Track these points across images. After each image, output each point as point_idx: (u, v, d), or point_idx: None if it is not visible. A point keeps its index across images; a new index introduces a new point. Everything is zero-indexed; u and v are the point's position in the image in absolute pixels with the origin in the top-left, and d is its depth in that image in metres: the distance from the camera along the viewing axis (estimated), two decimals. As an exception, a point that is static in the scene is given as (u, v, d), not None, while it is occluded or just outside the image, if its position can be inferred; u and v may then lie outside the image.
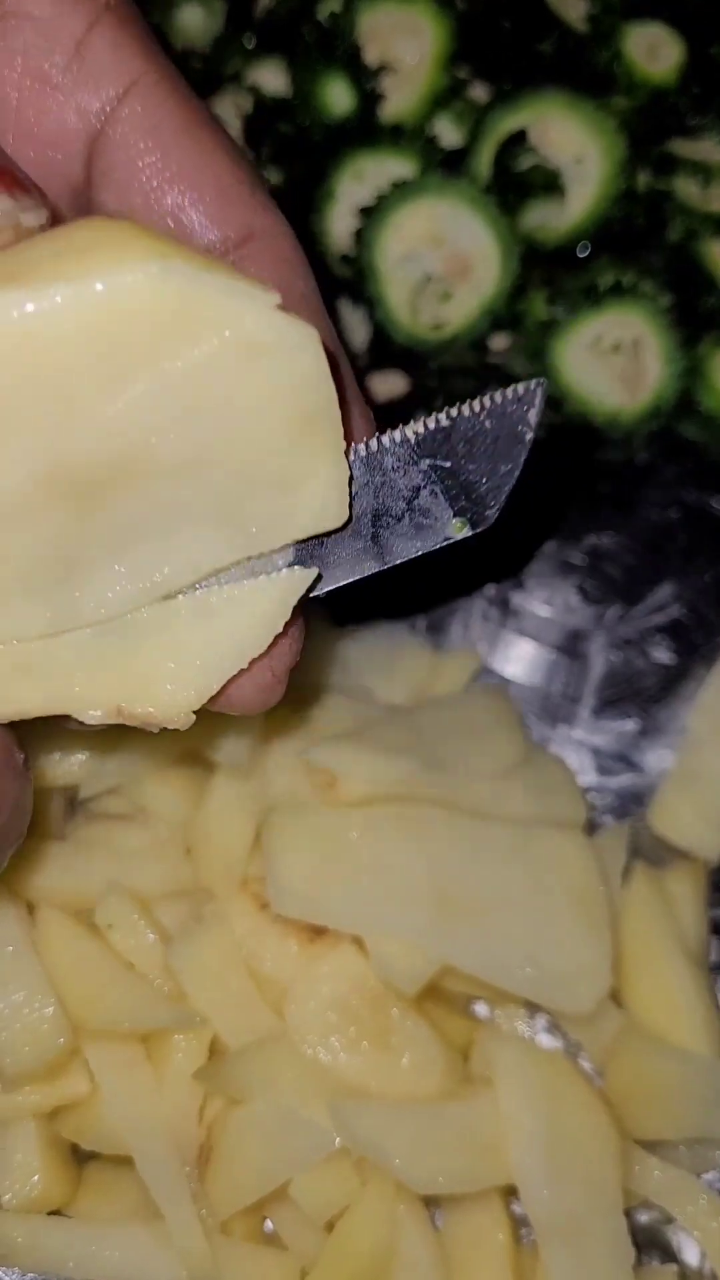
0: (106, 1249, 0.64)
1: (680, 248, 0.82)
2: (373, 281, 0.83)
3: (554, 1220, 0.63)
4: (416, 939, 0.66)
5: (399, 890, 0.67)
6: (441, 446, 0.49)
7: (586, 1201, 0.64)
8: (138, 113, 0.48)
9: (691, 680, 0.80)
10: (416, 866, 0.67)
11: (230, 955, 0.67)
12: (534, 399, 0.50)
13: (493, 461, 0.50)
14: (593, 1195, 0.64)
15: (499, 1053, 0.66)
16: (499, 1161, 0.65)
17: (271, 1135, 0.65)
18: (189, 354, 0.41)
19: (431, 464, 0.49)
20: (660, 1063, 0.69)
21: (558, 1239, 0.63)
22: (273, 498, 0.46)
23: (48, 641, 0.47)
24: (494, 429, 0.49)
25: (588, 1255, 0.63)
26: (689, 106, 0.82)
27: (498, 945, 0.66)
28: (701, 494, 0.83)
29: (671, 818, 0.76)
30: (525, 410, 0.50)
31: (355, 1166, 0.66)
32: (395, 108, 0.85)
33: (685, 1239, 0.70)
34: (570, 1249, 0.63)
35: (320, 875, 0.66)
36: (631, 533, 0.83)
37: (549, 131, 0.82)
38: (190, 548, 0.46)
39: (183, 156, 0.48)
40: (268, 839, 0.67)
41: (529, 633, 0.81)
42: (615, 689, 0.80)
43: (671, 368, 0.81)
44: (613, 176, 0.81)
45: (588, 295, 0.81)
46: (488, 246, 0.82)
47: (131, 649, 0.47)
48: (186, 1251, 0.64)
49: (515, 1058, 0.66)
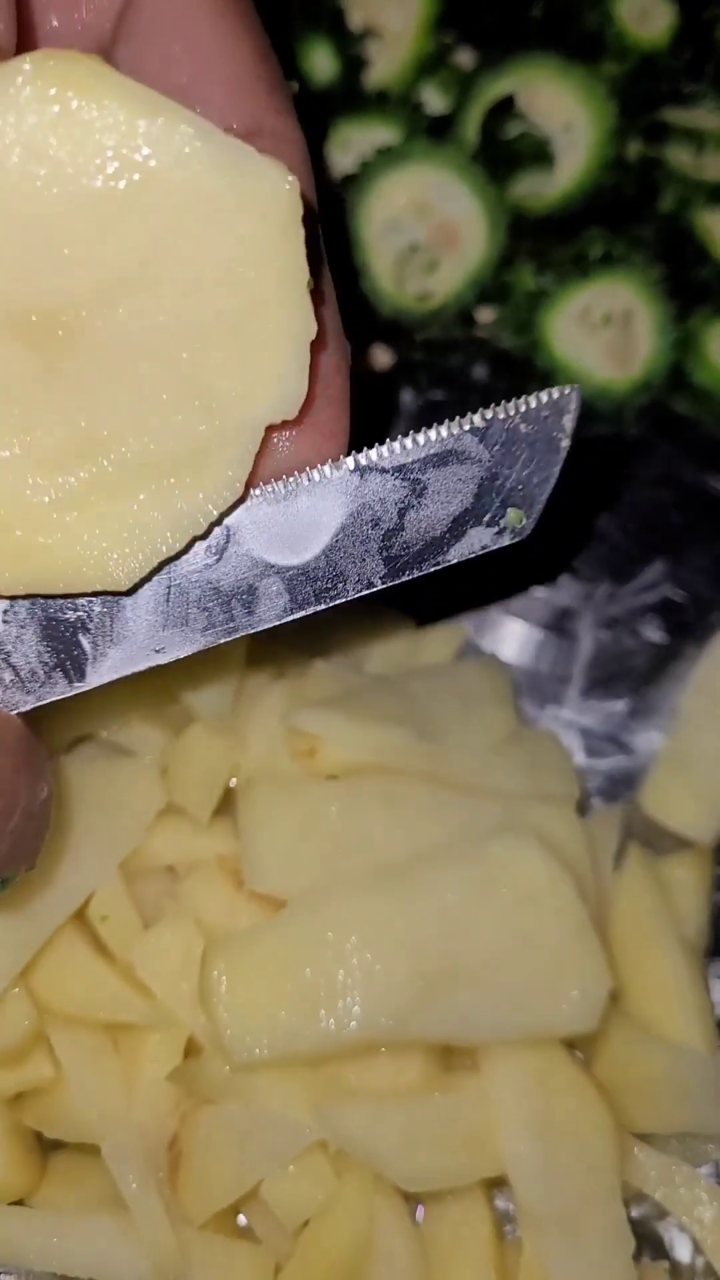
0: (69, 1240, 0.62)
1: (672, 218, 0.80)
2: (358, 251, 0.81)
3: (549, 1211, 0.61)
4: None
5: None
6: (475, 448, 0.47)
7: (583, 1190, 0.61)
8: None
9: (683, 660, 0.77)
10: (398, 843, 0.64)
11: (196, 951, 0.64)
12: (570, 404, 0.47)
13: (529, 469, 0.48)
14: (589, 1183, 0.61)
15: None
16: (489, 1153, 0.62)
17: (244, 1135, 0.62)
18: (165, 200, 0.40)
19: (464, 467, 0.47)
20: (651, 1055, 0.66)
21: (554, 1230, 0.61)
22: (230, 375, 0.42)
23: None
24: (529, 434, 0.47)
25: (585, 1246, 0.61)
26: (681, 72, 0.80)
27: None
28: (693, 470, 0.81)
29: (663, 800, 0.74)
30: (561, 416, 0.48)
31: (331, 1162, 0.63)
32: (380, 74, 0.83)
33: (677, 1235, 0.67)
34: (567, 1240, 0.61)
35: (298, 850, 0.64)
36: (622, 509, 0.80)
37: (537, 98, 0.80)
38: (147, 416, 0.43)
39: (207, 37, 0.46)
40: (244, 811, 0.65)
41: (516, 611, 0.79)
42: (605, 669, 0.78)
43: (663, 339, 0.79)
44: (602, 144, 0.79)
45: (577, 265, 0.79)
46: (475, 215, 0.80)
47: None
48: (153, 1244, 0.61)
49: (503, 1043, 0.63)
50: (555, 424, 0.48)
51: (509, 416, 0.47)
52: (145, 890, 0.67)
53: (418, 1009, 0.61)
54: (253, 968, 0.61)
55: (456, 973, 0.61)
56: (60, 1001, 0.64)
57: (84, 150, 0.39)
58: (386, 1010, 0.61)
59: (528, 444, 0.47)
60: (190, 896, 0.66)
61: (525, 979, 0.61)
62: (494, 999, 0.61)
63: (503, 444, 0.47)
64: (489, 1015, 0.61)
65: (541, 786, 0.69)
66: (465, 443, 0.47)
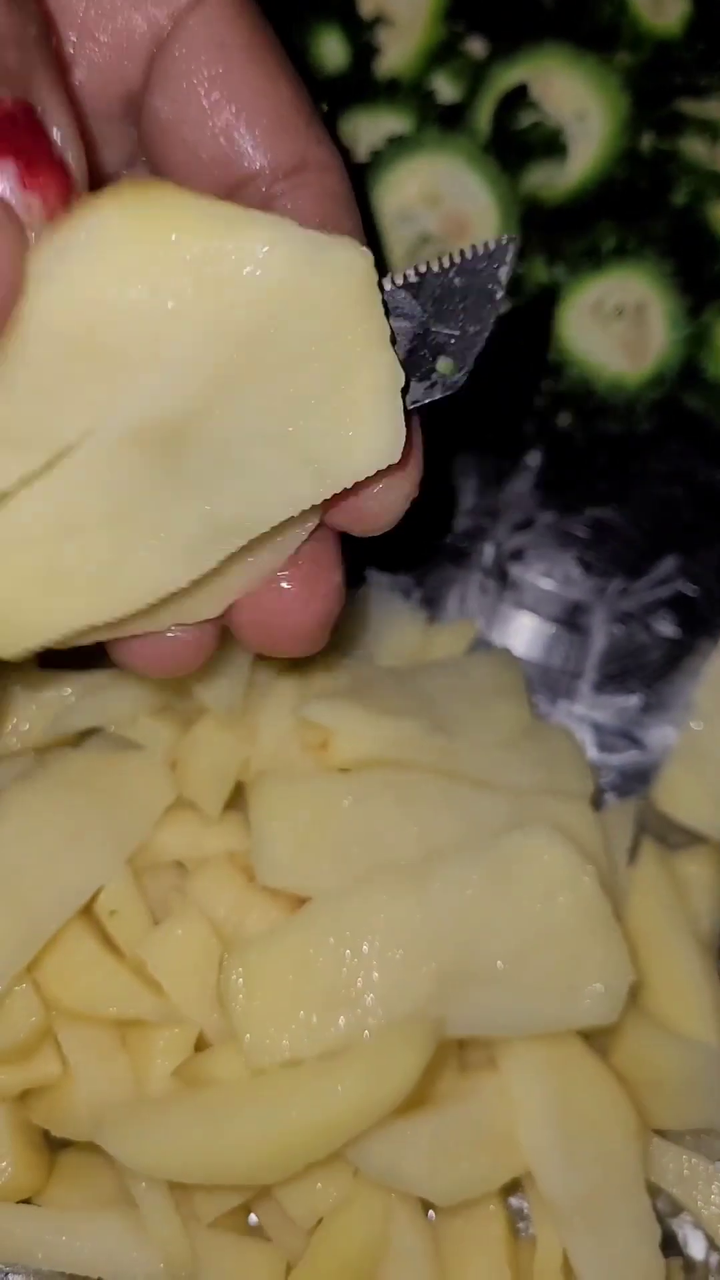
0: (78, 1239, 0.61)
1: (686, 211, 0.80)
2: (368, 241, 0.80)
3: (573, 1204, 0.60)
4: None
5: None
6: (408, 304, 0.47)
7: (606, 1181, 0.61)
8: (206, 26, 0.47)
9: (697, 655, 0.77)
10: (410, 838, 0.64)
11: (207, 947, 0.64)
12: (505, 255, 0.47)
13: (462, 321, 0.48)
14: (612, 1174, 0.61)
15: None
16: (512, 1153, 0.62)
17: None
18: (255, 300, 0.42)
19: (398, 322, 0.47)
20: (667, 1051, 0.66)
21: (579, 1223, 0.60)
22: (332, 436, 0.45)
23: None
24: (463, 286, 0.47)
25: (611, 1237, 0.60)
26: (695, 62, 0.80)
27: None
28: (707, 466, 0.80)
29: (676, 796, 0.73)
30: (496, 267, 0.47)
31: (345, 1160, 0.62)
32: (391, 63, 0.82)
33: (691, 1232, 0.66)
34: (592, 1232, 0.60)
35: (309, 844, 0.63)
36: (634, 505, 0.80)
37: (550, 87, 0.79)
38: (265, 491, 0.46)
39: (245, 76, 0.47)
40: (254, 805, 0.64)
41: (528, 605, 0.78)
42: (618, 664, 0.77)
43: (676, 332, 0.78)
44: (616, 134, 0.79)
45: (589, 257, 0.79)
46: (486, 206, 0.79)
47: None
48: (163, 1243, 0.61)
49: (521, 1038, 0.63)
50: (490, 276, 0.47)
51: (443, 270, 0.47)
52: (155, 885, 0.66)
53: (438, 1007, 0.60)
54: (271, 969, 0.60)
55: (476, 968, 0.60)
56: (68, 997, 0.63)
57: (174, 272, 0.41)
58: (407, 1010, 0.60)
59: (461, 297, 0.47)
60: (200, 892, 0.65)
61: (545, 973, 0.60)
62: (514, 994, 0.60)
63: (435, 299, 0.47)
64: (509, 1010, 0.61)
65: (555, 781, 0.68)
66: (398, 299, 0.47)
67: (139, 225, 0.41)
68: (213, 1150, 0.59)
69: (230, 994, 0.60)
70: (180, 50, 0.47)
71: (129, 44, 0.48)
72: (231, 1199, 0.62)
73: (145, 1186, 0.61)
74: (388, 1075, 0.58)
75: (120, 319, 0.42)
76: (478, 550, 0.79)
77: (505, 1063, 0.63)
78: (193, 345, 0.43)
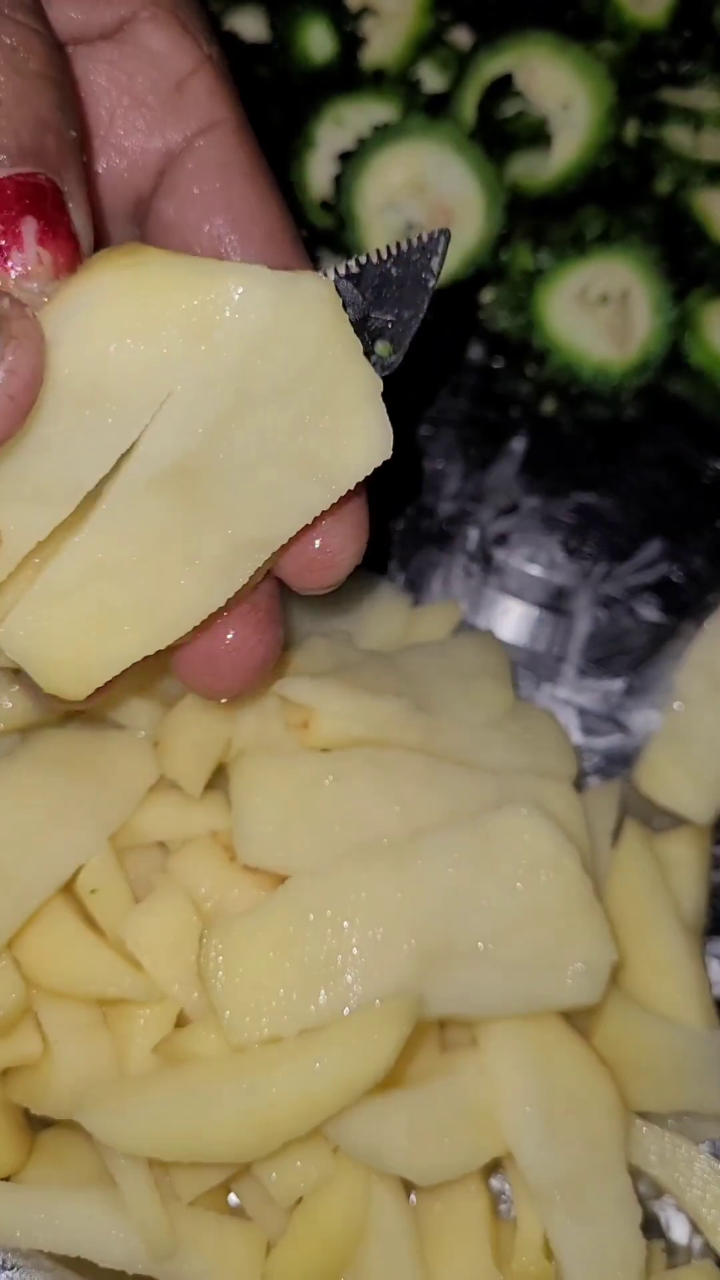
0: (57, 1217, 0.60)
1: (670, 198, 0.80)
2: (353, 229, 0.80)
3: (553, 1184, 0.60)
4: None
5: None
6: (349, 293, 0.51)
7: (587, 1161, 0.60)
8: (214, 148, 0.54)
9: (680, 639, 0.77)
10: (392, 817, 0.64)
11: (188, 925, 0.63)
12: (438, 246, 0.51)
13: (398, 307, 0.51)
14: (593, 1154, 0.61)
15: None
16: (493, 1133, 0.61)
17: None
18: (240, 338, 0.46)
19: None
20: (648, 1033, 0.66)
21: (559, 1203, 0.60)
22: (331, 445, 0.49)
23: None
24: (400, 276, 0.51)
25: (592, 1218, 0.60)
26: (679, 52, 0.80)
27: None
28: (691, 451, 0.80)
29: (659, 779, 0.73)
30: (429, 258, 0.51)
31: (326, 1139, 0.62)
32: (377, 52, 0.83)
33: (674, 1214, 0.66)
34: (573, 1212, 0.60)
35: (290, 823, 0.63)
36: (619, 490, 0.80)
37: (535, 77, 0.80)
38: (280, 506, 0.51)
39: (243, 193, 0.54)
40: (236, 784, 0.64)
41: (512, 590, 0.78)
42: (602, 648, 0.77)
43: (660, 318, 0.78)
44: (601, 122, 0.79)
45: (574, 244, 0.79)
46: (471, 194, 0.80)
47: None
48: (142, 1221, 0.60)
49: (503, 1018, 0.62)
50: (424, 266, 0.52)
51: (381, 262, 0.51)
52: (136, 864, 0.66)
53: (419, 985, 0.60)
54: (252, 946, 0.60)
55: (458, 947, 0.60)
56: (48, 975, 0.63)
57: (165, 323, 0.45)
58: (387, 987, 0.60)
59: (398, 285, 0.51)
60: (182, 871, 0.65)
61: (527, 952, 0.60)
62: (496, 973, 0.60)
63: (374, 287, 0.51)
64: (491, 989, 0.60)
65: (539, 762, 0.68)
66: (341, 288, 0.51)
67: (131, 284, 0.45)
68: (193, 1128, 0.59)
69: (210, 971, 0.60)
70: (190, 164, 0.54)
71: (144, 160, 0.54)
72: (212, 1177, 0.62)
73: (125, 1165, 0.61)
74: (367, 1052, 0.58)
75: (122, 370, 0.46)
76: (462, 534, 0.79)
77: (486, 1042, 0.62)
78: (193, 388, 0.47)
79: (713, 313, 0.79)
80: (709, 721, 0.73)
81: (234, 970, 0.60)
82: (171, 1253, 0.61)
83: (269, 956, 0.60)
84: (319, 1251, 0.61)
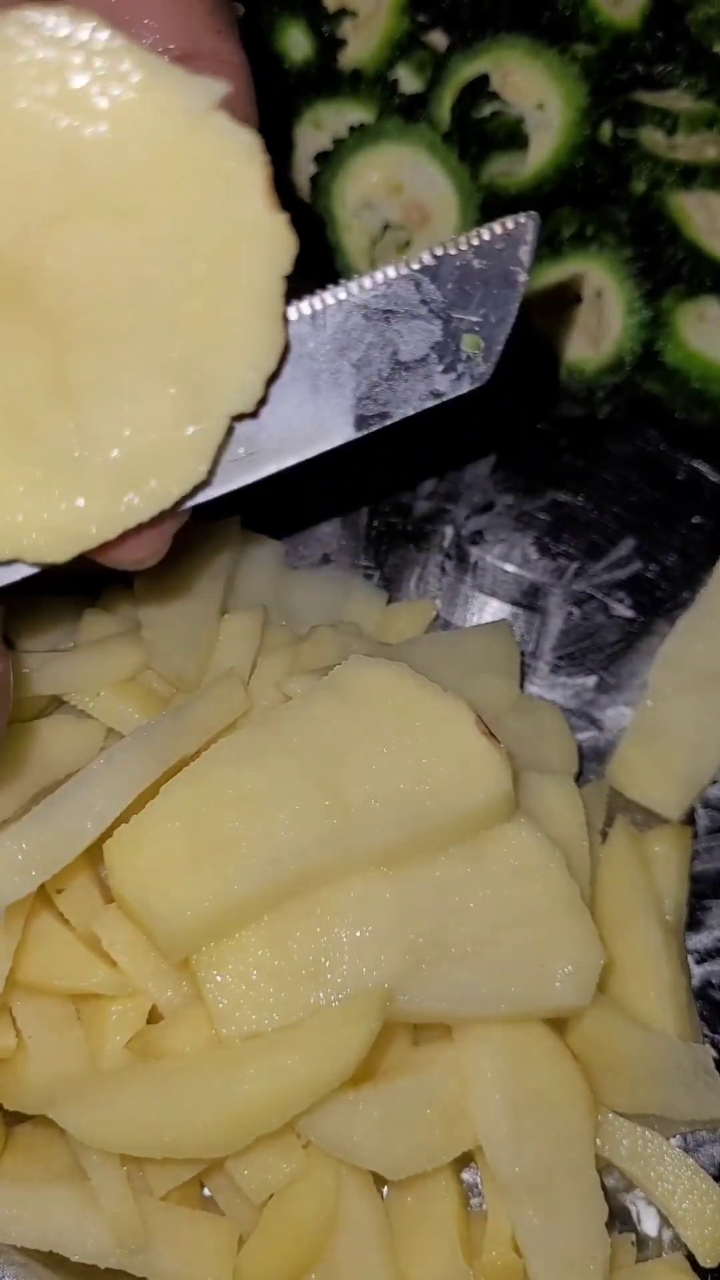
0: (29, 1211, 0.61)
1: (644, 199, 0.80)
2: (331, 229, 0.81)
3: (521, 1179, 0.60)
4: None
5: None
6: (426, 290, 0.44)
7: (556, 1157, 0.61)
8: None
9: (653, 636, 0.77)
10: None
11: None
12: (526, 234, 0.45)
13: (485, 307, 0.45)
14: (562, 1151, 0.61)
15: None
16: (464, 1127, 0.62)
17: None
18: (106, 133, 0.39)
19: (416, 311, 0.45)
20: (625, 1036, 0.66)
21: (527, 1199, 0.60)
22: (204, 339, 0.42)
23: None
24: (484, 269, 0.44)
25: (559, 1214, 0.60)
26: (653, 53, 0.81)
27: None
28: (664, 450, 0.81)
29: (631, 775, 0.74)
30: (516, 248, 0.44)
31: (298, 1135, 0.62)
32: (354, 54, 0.83)
33: (644, 1207, 0.66)
34: (540, 1207, 0.60)
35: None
36: (593, 488, 0.80)
37: (510, 78, 0.80)
38: (141, 395, 0.43)
39: None
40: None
41: (487, 587, 0.79)
42: (575, 645, 0.78)
43: (633, 318, 0.79)
44: (575, 124, 0.80)
45: (549, 244, 0.79)
46: (447, 194, 0.80)
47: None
48: (114, 1216, 0.60)
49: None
50: (511, 257, 0.44)
51: (461, 252, 0.44)
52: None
53: (407, 985, 0.60)
54: (242, 943, 0.60)
55: (447, 948, 0.60)
56: (22, 969, 0.63)
57: (27, 84, 0.39)
58: (375, 986, 0.60)
59: (482, 280, 0.44)
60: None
61: (516, 954, 0.61)
62: (485, 974, 0.60)
63: (455, 282, 0.44)
64: (479, 991, 0.60)
65: (540, 756, 0.68)
66: (415, 284, 0.44)
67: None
68: (164, 1124, 0.59)
69: (201, 965, 0.60)
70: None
71: None
72: (184, 1172, 0.62)
73: (97, 1160, 0.61)
74: (337, 1048, 0.58)
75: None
76: (437, 532, 0.79)
77: (459, 1036, 0.63)
78: (33, 169, 0.39)
79: (686, 312, 0.79)
80: (681, 718, 0.74)
81: (225, 966, 0.60)
82: (143, 1247, 0.61)
83: (259, 952, 0.60)
84: (291, 1245, 0.61)
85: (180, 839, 0.59)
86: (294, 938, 0.60)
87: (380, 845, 0.59)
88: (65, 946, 0.64)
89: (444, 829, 0.60)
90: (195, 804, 0.59)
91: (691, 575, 0.78)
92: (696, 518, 0.79)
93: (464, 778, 0.59)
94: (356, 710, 0.60)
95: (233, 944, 0.60)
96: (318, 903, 0.61)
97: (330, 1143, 0.61)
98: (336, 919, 0.60)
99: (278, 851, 0.59)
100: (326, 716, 0.60)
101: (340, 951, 0.60)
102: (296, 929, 0.60)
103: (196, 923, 0.58)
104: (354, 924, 0.60)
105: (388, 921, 0.60)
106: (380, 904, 0.61)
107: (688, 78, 0.81)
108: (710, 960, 0.73)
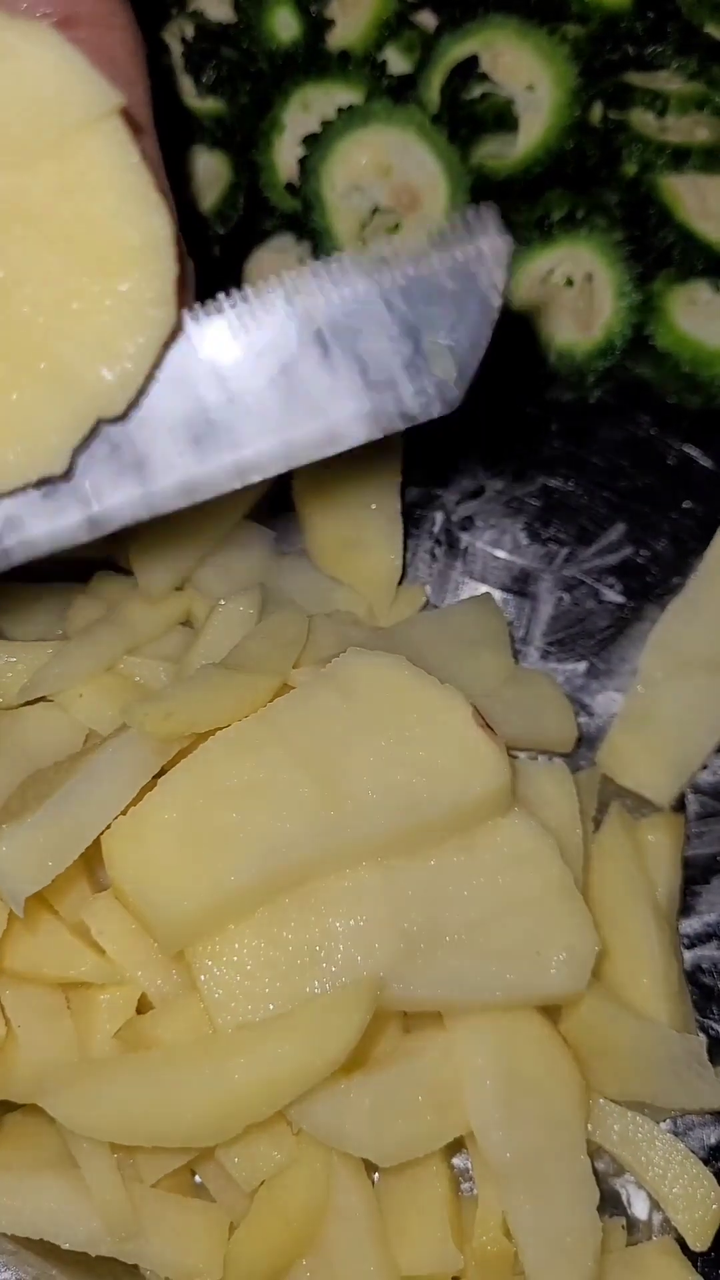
0: (19, 1199, 0.61)
1: (635, 181, 0.80)
2: (319, 213, 0.80)
3: (512, 1164, 0.61)
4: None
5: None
6: (395, 308, 0.43)
7: (547, 1142, 0.61)
8: None
9: (643, 621, 0.77)
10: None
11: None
12: (502, 257, 0.43)
13: (457, 332, 0.43)
14: (554, 1136, 0.61)
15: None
16: (455, 1113, 0.62)
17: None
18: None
19: (387, 326, 0.43)
20: (616, 1023, 0.66)
21: (518, 1183, 0.60)
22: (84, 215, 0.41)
23: None
24: (456, 291, 0.42)
25: (549, 1198, 0.60)
26: (643, 35, 0.80)
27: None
28: (655, 435, 0.81)
29: (621, 760, 0.74)
30: (490, 269, 0.43)
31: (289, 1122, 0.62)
32: (343, 35, 0.82)
33: (634, 1191, 0.67)
34: (532, 1192, 0.60)
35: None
36: (584, 473, 0.80)
37: (500, 60, 0.80)
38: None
39: None
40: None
41: (477, 573, 0.78)
42: (565, 630, 0.78)
43: (624, 302, 0.78)
44: (565, 105, 0.79)
45: (539, 227, 0.79)
46: (436, 177, 0.79)
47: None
48: (105, 1203, 0.60)
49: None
50: (486, 279, 0.43)
51: (432, 271, 0.42)
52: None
53: (402, 973, 0.60)
54: (237, 934, 0.60)
55: (441, 936, 0.60)
56: (10, 958, 0.63)
57: None
58: (370, 974, 0.60)
59: (454, 302, 0.42)
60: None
61: (511, 941, 0.61)
62: (480, 962, 0.61)
63: (424, 303, 0.42)
64: (475, 979, 0.61)
65: (540, 726, 0.69)
66: (387, 304, 0.43)
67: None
68: (155, 1112, 0.59)
69: (196, 955, 0.60)
70: None
71: None
72: (174, 1160, 0.62)
73: (87, 1148, 0.61)
74: (328, 1037, 0.58)
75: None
76: (427, 517, 0.79)
77: (451, 1022, 0.63)
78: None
79: (677, 296, 0.79)
80: (671, 703, 0.74)
81: (220, 957, 0.60)
82: (134, 1234, 0.61)
83: (254, 942, 0.60)
84: (282, 1232, 0.62)
85: (178, 831, 0.59)
86: (288, 928, 0.60)
87: (377, 837, 0.59)
88: (54, 935, 0.64)
89: (441, 821, 0.60)
90: (193, 796, 0.59)
91: (682, 560, 0.78)
92: (687, 503, 0.79)
93: (461, 770, 0.60)
94: (354, 703, 0.60)
95: (227, 935, 0.60)
96: (311, 893, 0.61)
97: (321, 1130, 0.61)
98: (331, 909, 0.60)
99: (275, 843, 0.59)
100: (324, 709, 0.60)
101: (335, 941, 0.60)
102: (290, 919, 0.60)
103: (194, 914, 0.58)
104: (348, 913, 0.60)
105: (382, 910, 0.60)
106: (374, 893, 0.61)
107: (678, 59, 0.81)
108: (701, 945, 0.73)
